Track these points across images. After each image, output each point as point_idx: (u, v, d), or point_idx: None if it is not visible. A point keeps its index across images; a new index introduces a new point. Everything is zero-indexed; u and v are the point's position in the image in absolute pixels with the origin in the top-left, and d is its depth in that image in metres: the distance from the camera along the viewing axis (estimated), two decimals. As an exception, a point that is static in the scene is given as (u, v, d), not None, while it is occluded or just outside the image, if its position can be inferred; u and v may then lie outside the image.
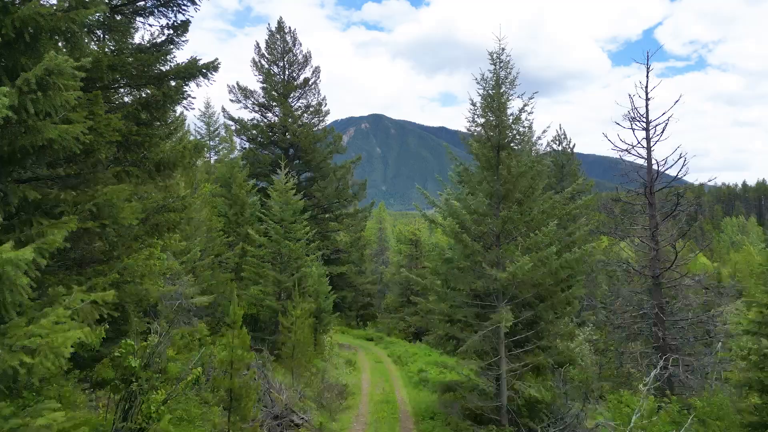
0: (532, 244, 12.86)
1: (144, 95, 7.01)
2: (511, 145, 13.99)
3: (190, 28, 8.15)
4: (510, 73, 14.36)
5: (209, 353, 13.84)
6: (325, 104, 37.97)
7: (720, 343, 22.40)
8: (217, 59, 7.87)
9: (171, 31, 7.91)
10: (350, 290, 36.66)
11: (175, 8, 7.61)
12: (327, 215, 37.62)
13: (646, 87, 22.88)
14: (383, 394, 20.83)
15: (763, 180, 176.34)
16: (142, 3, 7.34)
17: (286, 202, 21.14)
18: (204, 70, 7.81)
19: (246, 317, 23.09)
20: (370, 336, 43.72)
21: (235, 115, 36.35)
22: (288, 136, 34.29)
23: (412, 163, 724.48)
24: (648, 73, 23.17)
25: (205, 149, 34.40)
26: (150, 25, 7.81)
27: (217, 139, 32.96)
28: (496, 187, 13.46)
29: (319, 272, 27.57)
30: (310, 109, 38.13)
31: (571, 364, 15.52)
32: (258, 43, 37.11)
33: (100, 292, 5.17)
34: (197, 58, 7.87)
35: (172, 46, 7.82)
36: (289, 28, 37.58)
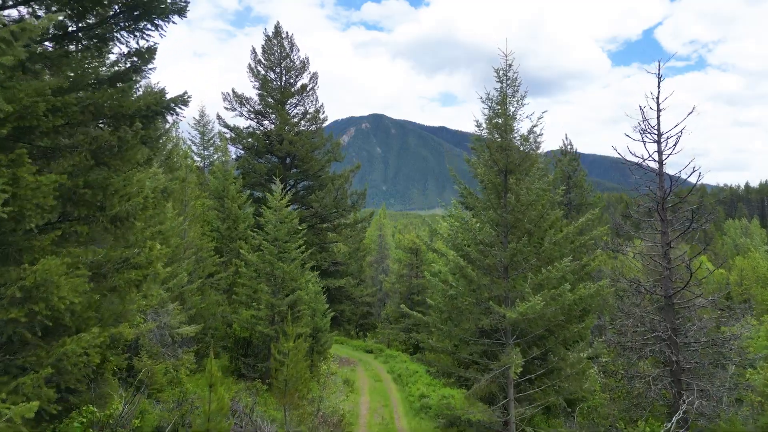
0: (544, 280, 11.77)
1: (97, 140, 5.91)
2: (520, 168, 12.90)
3: (156, 54, 7.07)
4: (518, 91, 13.30)
5: (191, 397, 12.75)
6: (323, 111, 36.90)
7: (734, 366, 21.32)
8: (186, 92, 6.79)
9: (135, 59, 6.83)
10: (349, 303, 35.58)
11: (137, 34, 6.52)
12: (325, 225, 36.55)
13: (657, 98, 21.76)
14: (382, 424, 19.79)
15: (766, 181, 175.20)
16: (95, 31, 6.24)
17: (281, 219, 20.08)
18: (172, 105, 6.74)
19: (238, 340, 22.09)
20: (370, 348, 42.63)
21: (231, 123, 35.31)
22: (285, 145, 33.22)
23: (412, 163, 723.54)
24: (659, 83, 22.07)
25: (188, 165, 33.36)
26: (109, 54, 6.73)
27: (212, 148, 31.86)
28: (503, 215, 12.36)
29: (315, 289, 26.52)
30: (308, 116, 37.07)
31: (583, 401, 14.46)
32: (254, 48, 36.03)
33: (21, 404, 4.11)
34: (164, 90, 6.79)
35: (135, 77, 6.74)
36: (287, 33, 36.50)
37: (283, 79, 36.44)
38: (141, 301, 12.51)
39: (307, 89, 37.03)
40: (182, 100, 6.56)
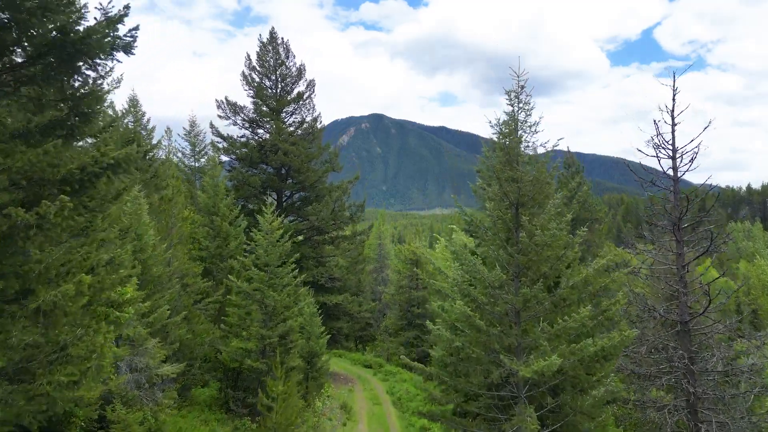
0: (560, 330, 10.46)
1: (10, 219, 4.60)
2: (533, 201, 11.59)
3: (104, 98, 5.74)
4: (530, 115, 11.99)
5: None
6: (320, 120, 35.59)
7: (752, 396, 20.02)
8: (133, 148, 5.48)
9: (72, 103, 5.52)
10: (347, 320, 34.28)
11: (68, 77, 5.21)
12: (322, 237, 35.23)
13: (672, 111, 20.39)
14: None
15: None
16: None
17: (272, 243, 18.75)
18: (121, 163, 5.42)
19: (228, 371, 20.79)
20: (369, 362, 41.34)
21: (224, 132, 33.98)
22: (279, 156, 31.92)
23: (412, 163, 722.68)
24: (674, 95, 20.74)
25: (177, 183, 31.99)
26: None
27: (203, 159, 30.50)
28: (515, 256, 11.04)
29: (310, 311, 25.23)
30: (304, 125, 35.76)
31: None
32: (249, 55, 34.68)
33: None
34: (107, 141, 5.48)
35: (71, 131, 5.43)
36: (282, 39, 35.15)
37: (279, 86, 35.13)
38: (114, 348, 11.23)
39: (304, 97, 35.71)
40: (126, 160, 5.24)
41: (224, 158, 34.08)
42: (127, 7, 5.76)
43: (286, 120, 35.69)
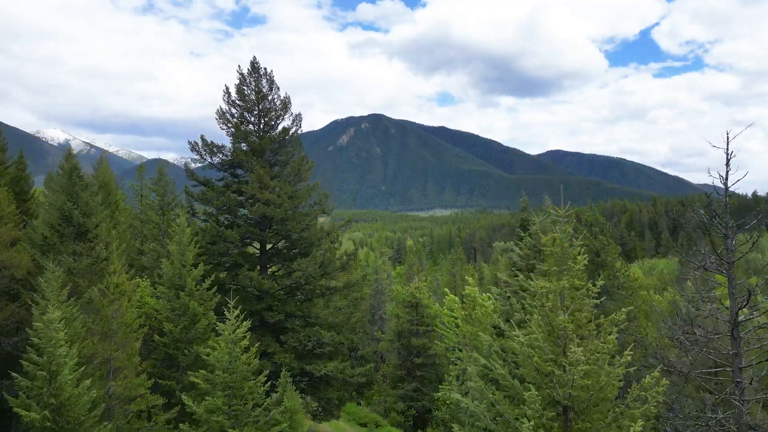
0: None
1: None
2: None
3: None
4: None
5: None
6: (307, 161, 31.84)
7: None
8: None
9: None
10: (337, 387, 30.53)
11: None
12: (311, 287, 31.43)
13: (726, 181, 16.78)
14: None
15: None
16: None
17: (236, 357, 15.05)
18: None
19: None
20: (363, 420, 37.76)
21: (200, 175, 30.18)
22: (259, 207, 28.18)
23: (411, 163, 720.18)
24: (728, 160, 16.98)
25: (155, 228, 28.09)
26: None
27: (174, 212, 26.72)
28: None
29: (292, 405, 21.49)
30: (289, 165, 31.98)
31: None
32: (227, 88, 30.84)
33: None
34: None
35: None
36: (265, 69, 31.35)
37: (261, 122, 31.37)
38: None
39: (290, 133, 31.93)
40: None
41: (198, 204, 30.40)
42: None
43: (270, 158, 31.95)
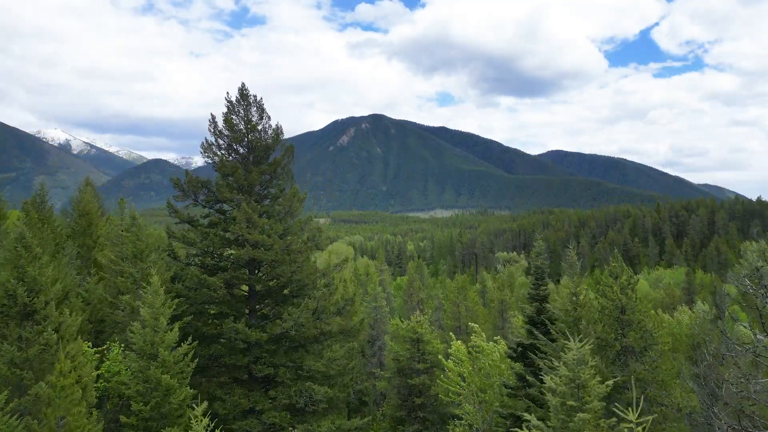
0: None
1: None
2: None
3: None
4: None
5: None
6: (298, 196, 29.36)
7: None
8: None
9: None
10: (332, 443, 28.08)
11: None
12: (302, 334, 29.00)
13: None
14: None
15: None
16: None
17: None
18: None
19: None
20: (362, 467, 35.29)
21: (184, 213, 27.74)
22: (247, 250, 25.76)
23: (412, 163, 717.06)
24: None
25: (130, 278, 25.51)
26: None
27: (150, 259, 24.27)
28: None
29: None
30: (280, 201, 29.53)
31: None
32: (214, 118, 28.33)
33: None
34: None
35: None
36: (255, 97, 28.86)
37: (251, 155, 28.91)
38: None
39: (282, 164, 29.45)
40: None
41: (180, 245, 27.95)
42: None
43: (260, 192, 29.48)
